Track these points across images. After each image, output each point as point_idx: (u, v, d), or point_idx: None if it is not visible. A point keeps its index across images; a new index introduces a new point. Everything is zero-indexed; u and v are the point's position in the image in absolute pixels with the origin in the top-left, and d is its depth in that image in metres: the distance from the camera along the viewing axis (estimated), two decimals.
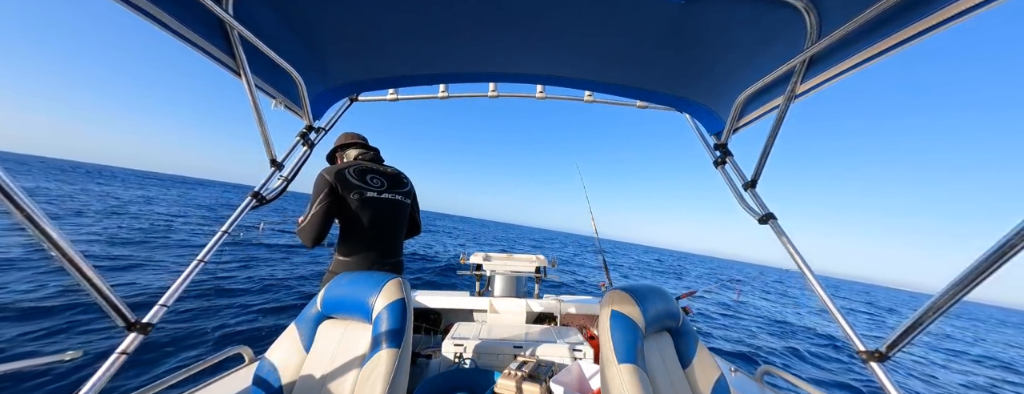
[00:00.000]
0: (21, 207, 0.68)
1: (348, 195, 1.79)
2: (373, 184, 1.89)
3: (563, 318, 2.78)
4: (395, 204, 1.96)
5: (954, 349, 10.93)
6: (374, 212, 1.86)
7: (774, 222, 1.29)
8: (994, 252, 0.71)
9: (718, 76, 1.49)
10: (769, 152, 1.34)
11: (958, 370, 7.97)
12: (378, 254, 1.90)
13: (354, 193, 1.81)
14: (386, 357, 1.15)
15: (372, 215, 1.86)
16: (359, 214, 1.83)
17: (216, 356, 1.46)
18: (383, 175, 1.96)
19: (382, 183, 1.93)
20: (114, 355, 0.85)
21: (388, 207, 1.92)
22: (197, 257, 1.09)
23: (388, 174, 1.99)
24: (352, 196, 1.80)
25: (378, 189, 1.90)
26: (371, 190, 1.87)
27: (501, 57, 1.56)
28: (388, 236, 1.94)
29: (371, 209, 1.85)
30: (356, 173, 1.85)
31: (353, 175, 1.84)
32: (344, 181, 1.80)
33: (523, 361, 1.93)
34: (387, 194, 1.93)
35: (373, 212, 1.86)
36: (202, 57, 1.15)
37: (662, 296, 1.40)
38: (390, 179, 1.98)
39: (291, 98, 1.60)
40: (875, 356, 0.94)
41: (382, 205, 1.90)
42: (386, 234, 1.93)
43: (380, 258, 1.91)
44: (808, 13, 1.05)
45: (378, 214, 1.88)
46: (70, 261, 0.76)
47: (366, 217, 1.84)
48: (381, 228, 1.90)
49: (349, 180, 1.81)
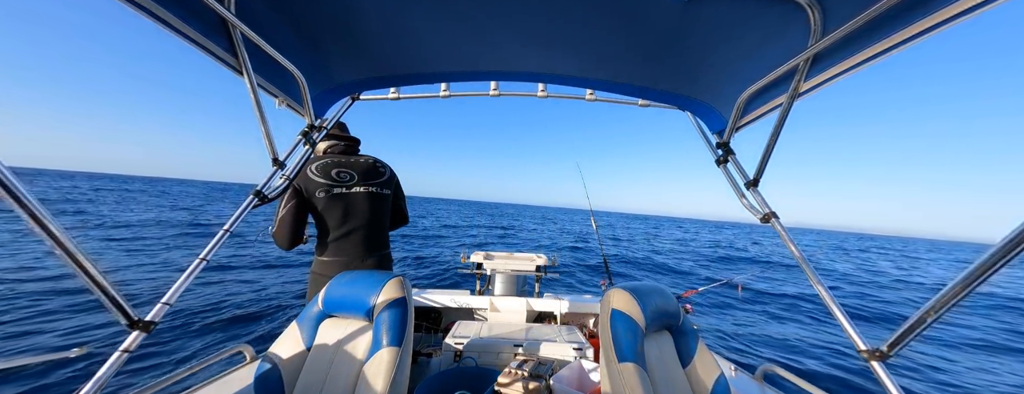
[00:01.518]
0: (25, 204, 0.68)
1: (314, 194, 1.72)
2: (341, 178, 1.80)
3: (563, 317, 2.78)
4: (370, 196, 1.87)
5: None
6: (346, 208, 1.79)
7: (776, 221, 1.29)
8: (995, 251, 0.70)
9: (720, 74, 1.49)
10: (772, 151, 1.33)
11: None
12: (358, 251, 1.83)
13: (319, 191, 1.73)
14: (387, 355, 1.16)
15: (344, 211, 1.78)
16: (329, 212, 1.75)
17: (217, 354, 1.47)
18: (352, 168, 1.86)
19: (351, 177, 1.83)
20: (116, 353, 0.85)
21: (361, 201, 1.84)
22: (199, 256, 1.09)
23: (359, 165, 1.89)
24: (318, 194, 1.73)
25: (347, 183, 1.81)
26: (338, 186, 1.78)
27: (502, 55, 1.56)
28: (366, 231, 1.87)
29: (342, 205, 1.78)
30: (320, 170, 1.77)
31: (316, 173, 1.76)
32: (308, 181, 1.72)
33: (523, 360, 1.93)
34: (359, 188, 1.84)
35: (345, 208, 1.78)
36: (204, 56, 1.15)
37: (662, 295, 1.41)
38: (361, 171, 1.88)
39: (293, 97, 1.61)
40: (876, 355, 0.93)
41: (354, 200, 1.81)
42: (363, 229, 1.85)
43: (362, 255, 1.83)
44: (812, 10, 1.04)
45: (351, 209, 1.80)
46: (73, 258, 0.76)
47: (337, 214, 1.77)
48: (357, 224, 1.82)
49: (312, 179, 1.74)
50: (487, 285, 3.12)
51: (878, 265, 19.25)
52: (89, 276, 0.79)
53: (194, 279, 1.04)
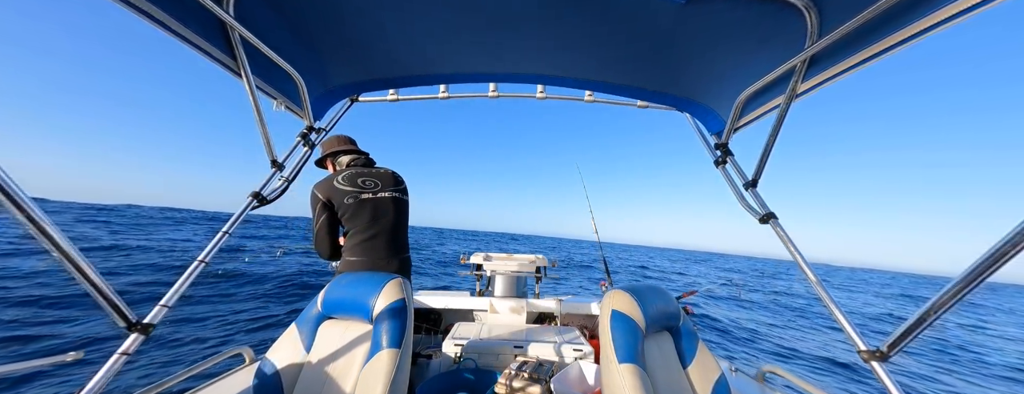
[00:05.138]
0: (22, 207, 0.68)
1: (342, 201, 1.82)
2: (367, 186, 1.90)
3: (563, 318, 2.78)
4: (395, 201, 1.97)
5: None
6: (372, 212, 1.88)
7: (775, 222, 1.29)
8: (995, 251, 0.71)
9: (719, 75, 1.49)
10: (770, 151, 1.34)
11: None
12: (383, 252, 1.91)
13: (348, 198, 1.83)
14: (387, 357, 1.15)
15: (371, 215, 1.87)
16: (358, 215, 1.85)
17: (217, 356, 1.46)
18: (376, 177, 1.97)
19: (376, 184, 1.94)
20: (115, 356, 0.85)
21: (385, 205, 1.93)
22: (197, 258, 1.09)
23: (381, 175, 2.00)
24: (347, 201, 1.83)
25: (372, 189, 1.91)
26: (366, 192, 1.88)
27: (501, 57, 1.56)
28: (391, 234, 1.95)
29: (369, 209, 1.87)
30: (346, 180, 1.87)
31: (343, 182, 1.86)
32: (335, 192, 1.83)
33: (523, 361, 1.93)
34: (384, 193, 1.94)
35: (371, 212, 1.88)
36: (203, 58, 1.15)
37: (662, 296, 1.40)
38: (384, 179, 1.98)
39: (292, 99, 1.61)
40: (876, 355, 0.94)
41: (379, 204, 1.91)
42: (388, 231, 1.94)
43: (386, 256, 1.92)
44: (809, 12, 1.05)
45: (376, 213, 1.89)
46: (71, 261, 0.76)
47: (366, 216, 1.86)
48: (383, 226, 1.91)
49: (340, 189, 1.83)
50: (487, 287, 3.11)
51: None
52: (87, 279, 0.79)
53: (192, 282, 1.04)
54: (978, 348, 8.45)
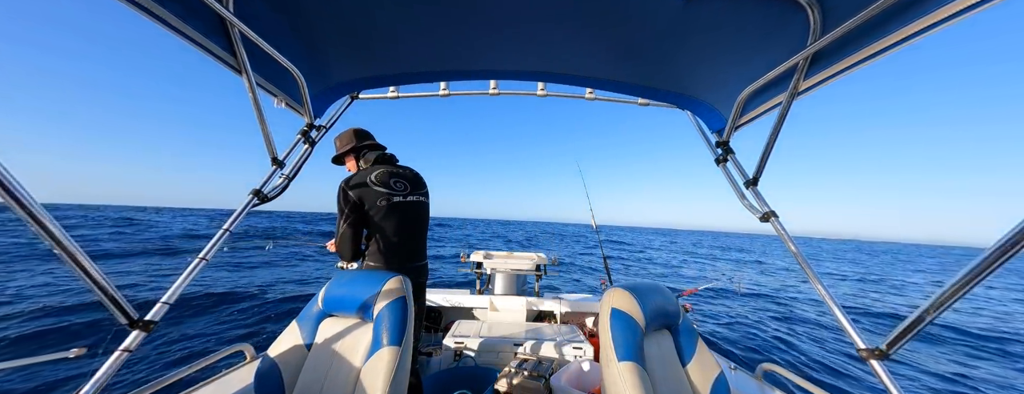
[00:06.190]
0: (24, 204, 0.68)
1: (375, 203, 1.75)
2: (397, 188, 1.84)
3: (563, 316, 2.79)
4: (419, 205, 1.92)
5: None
6: (401, 216, 1.82)
7: (775, 220, 1.29)
8: (995, 251, 0.71)
9: (720, 73, 1.48)
10: (771, 149, 1.33)
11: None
12: (405, 257, 1.86)
13: (381, 200, 1.76)
14: (387, 355, 1.15)
15: (399, 220, 1.81)
16: (388, 221, 1.78)
17: (217, 354, 1.47)
18: (405, 178, 1.91)
19: (405, 186, 1.88)
20: (116, 352, 0.85)
21: (413, 210, 1.88)
22: (199, 255, 1.09)
23: (409, 177, 1.94)
24: (379, 203, 1.76)
25: (403, 193, 1.85)
26: (397, 195, 1.82)
27: (502, 55, 1.56)
28: (415, 239, 1.91)
29: (398, 214, 1.81)
30: (379, 179, 1.80)
31: (376, 182, 1.79)
32: (368, 192, 1.76)
33: (523, 359, 1.93)
34: (412, 197, 1.88)
35: (400, 216, 1.82)
36: (203, 55, 1.15)
37: (662, 294, 1.40)
38: (412, 181, 1.93)
39: (292, 96, 1.60)
40: (876, 354, 0.94)
41: (408, 208, 1.86)
42: (413, 237, 1.89)
43: (407, 261, 1.87)
44: (811, 10, 1.04)
45: (405, 217, 1.84)
46: (73, 258, 0.76)
47: (394, 222, 1.80)
48: (409, 232, 1.86)
49: (374, 189, 1.76)
50: (487, 284, 3.12)
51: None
52: (89, 276, 0.79)
53: (193, 278, 1.04)
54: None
